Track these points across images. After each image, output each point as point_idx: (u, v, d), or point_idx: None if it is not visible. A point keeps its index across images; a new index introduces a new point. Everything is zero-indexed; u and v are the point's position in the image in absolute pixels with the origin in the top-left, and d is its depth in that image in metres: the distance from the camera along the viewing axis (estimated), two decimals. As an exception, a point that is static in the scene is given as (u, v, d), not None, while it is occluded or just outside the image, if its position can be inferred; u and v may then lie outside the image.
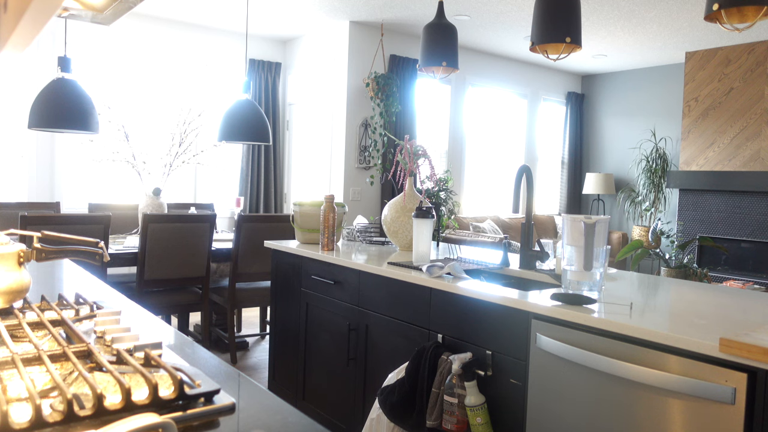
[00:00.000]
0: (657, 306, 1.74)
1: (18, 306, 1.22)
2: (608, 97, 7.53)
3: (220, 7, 5.17)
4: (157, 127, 5.21)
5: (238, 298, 3.84)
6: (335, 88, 5.68)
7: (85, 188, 5.23)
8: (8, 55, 0.73)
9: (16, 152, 4.97)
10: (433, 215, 2.47)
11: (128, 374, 0.86)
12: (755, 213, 5.80)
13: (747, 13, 2.25)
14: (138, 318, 1.32)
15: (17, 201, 4.54)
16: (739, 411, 1.26)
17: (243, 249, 3.75)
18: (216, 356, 1.09)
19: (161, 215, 3.57)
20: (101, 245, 1.27)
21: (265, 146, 6.08)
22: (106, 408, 0.75)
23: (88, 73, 5.09)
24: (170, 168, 4.02)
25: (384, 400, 2.03)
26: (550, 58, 3.01)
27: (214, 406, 0.81)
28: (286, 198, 6.43)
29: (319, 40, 5.86)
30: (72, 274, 1.90)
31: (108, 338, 1.01)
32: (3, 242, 1.19)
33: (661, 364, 1.39)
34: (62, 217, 3.55)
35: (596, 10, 5.00)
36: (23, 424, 0.71)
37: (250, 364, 3.89)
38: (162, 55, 5.57)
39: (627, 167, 7.23)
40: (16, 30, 0.56)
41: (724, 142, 5.94)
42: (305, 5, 5.06)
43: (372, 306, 2.38)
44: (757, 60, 5.74)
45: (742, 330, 1.34)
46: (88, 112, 3.58)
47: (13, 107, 4.87)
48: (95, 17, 1.41)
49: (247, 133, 3.93)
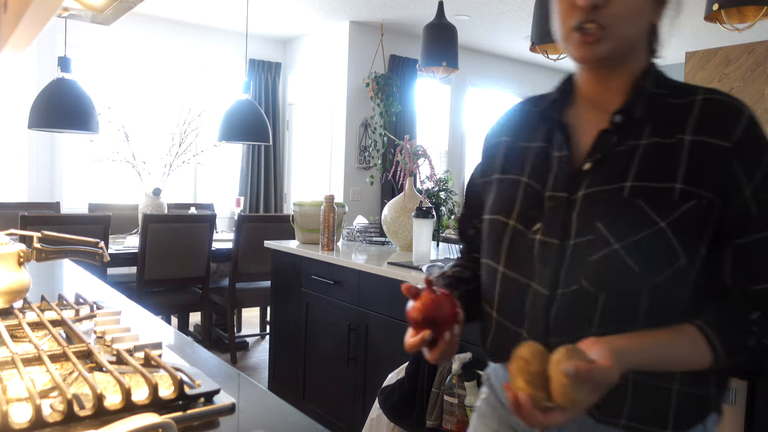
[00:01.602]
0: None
1: (18, 306, 1.22)
2: (608, 97, 7.53)
3: (220, 7, 5.17)
4: (157, 127, 5.21)
5: (238, 298, 3.84)
6: (335, 88, 5.68)
7: (85, 188, 5.23)
8: (8, 55, 0.73)
9: (16, 152, 4.97)
10: (433, 215, 2.47)
11: (128, 374, 0.86)
12: (755, 213, 5.81)
13: (747, 13, 2.25)
14: (138, 318, 1.32)
15: (17, 201, 4.54)
16: (739, 411, 1.26)
17: (243, 249, 3.75)
18: (216, 356, 1.09)
19: (161, 215, 3.57)
20: (101, 245, 1.27)
21: (265, 146, 6.08)
22: (106, 408, 0.75)
23: (88, 73, 5.09)
24: (170, 168, 4.02)
25: (384, 400, 2.04)
26: (550, 58, 3.01)
27: (214, 406, 0.81)
28: (286, 198, 6.43)
29: (319, 40, 5.86)
30: (72, 274, 1.90)
31: (108, 338, 1.01)
32: (3, 242, 1.19)
33: (661, 364, 1.39)
34: (62, 217, 3.55)
35: (596, 10, 5.00)
36: (23, 424, 0.71)
37: (250, 364, 3.89)
38: (162, 55, 5.57)
39: (627, 167, 7.23)
40: (16, 30, 0.57)
41: (724, 142, 5.95)
42: (305, 5, 5.06)
43: (372, 306, 2.38)
44: (757, 60, 5.74)
45: (742, 330, 1.34)
46: (88, 112, 3.59)
47: (13, 107, 4.87)
48: (95, 17, 1.41)
49: (247, 133, 3.93)
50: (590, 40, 0.79)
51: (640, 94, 0.83)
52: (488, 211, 0.94)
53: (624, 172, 0.80)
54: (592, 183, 0.82)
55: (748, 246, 0.78)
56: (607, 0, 0.77)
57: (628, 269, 0.77)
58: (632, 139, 0.81)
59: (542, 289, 0.84)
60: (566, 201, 0.83)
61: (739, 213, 0.78)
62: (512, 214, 0.88)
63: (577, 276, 0.81)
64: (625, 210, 0.79)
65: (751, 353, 0.76)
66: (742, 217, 0.78)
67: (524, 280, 0.87)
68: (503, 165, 0.95)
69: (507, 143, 0.96)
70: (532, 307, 0.86)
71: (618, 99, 0.85)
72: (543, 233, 0.85)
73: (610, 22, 0.78)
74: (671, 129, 0.80)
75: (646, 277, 0.77)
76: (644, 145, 0.80)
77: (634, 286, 0.79)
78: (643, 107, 0.82)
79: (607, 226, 0.79)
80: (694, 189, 0.77)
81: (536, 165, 0.89)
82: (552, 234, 0.84)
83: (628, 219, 0.78)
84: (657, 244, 0.77)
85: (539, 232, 0.85)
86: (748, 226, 0.78)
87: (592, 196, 0.81)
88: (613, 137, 0.82)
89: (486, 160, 1.01)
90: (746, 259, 0.79)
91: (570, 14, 0.80)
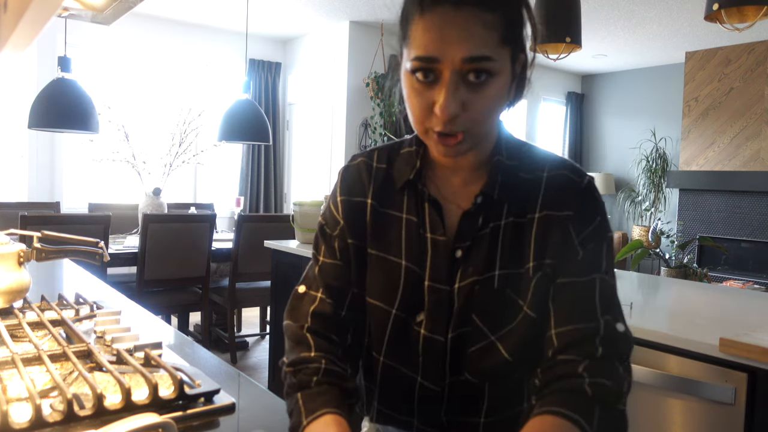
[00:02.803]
0: (657, 306, 1.74)
1: (18, 306, 1.22)
2: (608, 97, 7.53)
3: (220, 7, 5.17)
4: (157, 127, 5.21)
5: (238, 298, 3.84)
6: (335, 88, 5.67)
7: (85, 188, 5.23)
8: (8, 55, 0.73)
9: (16, 152, 4.97)
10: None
11: (128, 374, 0.86)
12: (755, 213, 5.80)
13: (747, 13, 2.25)
14: (138, 318, 1.32)
15: (17, 201, 4.54)
16: (739, 411, 1.26)
17: (243, 249, 3.75)
18: (216, 356, 1.09)
19: (161, 215, 3.57)
20: (101, 245, 1.27)
21: (265, 146, 6.08)
22: (106, 408, 0.75)
23: (88, 73, 5.09)
24: (170, 168, 4.02)
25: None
26: (550, 58, 3.00)
27: (214, 405, 0.81)
28: (286, 198, 6.43)
29: (319, 40, 5.86)
30: (72, 274, 1.90)
31: (108, 338, 1.01)
32: (3, 242, 1.19)
33: (661, 364, 1.39)
34: (62, 217, 3.55)
35: (596, 10, 5.00)
36: (23, 423, 0.71)
37: (250, 364, 3.89)
38: (162, 55, 5.57)
39: (627, 167, 7.23)
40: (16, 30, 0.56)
41: (724, 142, 5.94)
42: (305, 5, 5.06)
43: (372, 306, 2.38)
44: (757, 60, 5.74)
45: (742, 330, 1.34)
46: (88, 112, 3.58)
47: (13, 107, 4.87)
48: (95, 17, 1.41)
49: (247, 133, 3.93)
50: (451, 143, 0.75)
51: (497, 170, 0.83)
52: (369, 294, 0.88)
53: (491, 259, 0.82)
54: (465, 273, 0.83)
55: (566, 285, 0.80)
56: (466, 106, 0.73)
57: (505, 360, 0.81)
58: (494, 220, 0.83)
59: (432, 385, 0.87)
60: (447, 294, 0.83)
61: (566, 260, 0.80)
62: (395, 303, 0.86)
63: (461, 368, 0.84)
64: (498, 301, 0.81)
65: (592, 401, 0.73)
66: (568, 262, 0.80)
67: (409, 373, 0.88)
68: (376, 237, 0.88)
69: (374, 208, 0.89)
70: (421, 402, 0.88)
71: (473, 173, 0.85)
72: (427, 329, 0.85)
73: (469, 126, 0.74)
74: (523, 208, 0.83)
75: (521, 364, 0.81)
76: (504, 226, 0.83)
77: (513, 374, 0.83)
78: (500, 185, 0.83)
79: (483, 319, 0.82)
80: (542, 261, 0.81)
81: (412, 246, 0.85)
82: (436, 330, 0.84)
83: (501, 310, 0.82)
84: (523, 328, 0.81)
85: (422, 326, 0.85)
86: (569, 269, 0.80)
87: (467, 288, 0.82)
88: (477, 219, 0.83)
89: (351, 222, 0.90)
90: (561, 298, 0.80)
91: (427, 117, 0.75)
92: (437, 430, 0.88)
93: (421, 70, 0.73)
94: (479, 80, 0.72)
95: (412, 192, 0.87)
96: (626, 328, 0.80)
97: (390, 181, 0.89)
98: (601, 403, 0.73)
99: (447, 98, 0.71)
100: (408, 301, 0.86)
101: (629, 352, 0.80)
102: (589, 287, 0.79)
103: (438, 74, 0.72)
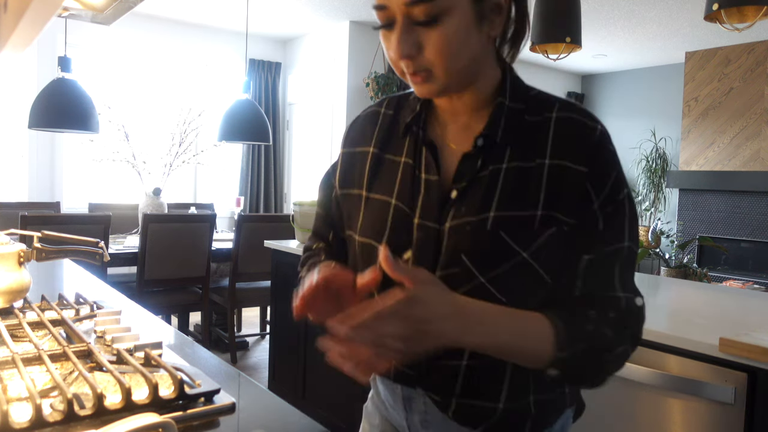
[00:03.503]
0: (657, 306, 1.74)
1: (18, 306, 1.22)
2: (608, 97, 7.53)
3: (220, 7, 5.17)
4: (157, 126, 5.21)
5: (238, 298, 3.84)
6: (335, 88, 5.68)
7: (85, 188, 5.23)
8: (8, 55, 0.73)
9: (16, 152, 4.97)
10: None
11: (128, 374, 0.86)
12: (755, 213, 5.80)
13: (747, 13, 2.25)
14: (138, 318, 1.32)
15: (17, 201, 4.54)
16: (739, 411, 1.26)
17: (243, 249, 3.75)
18: (216, 356, 1.09)
19: (161, 215, 3.57)
20: (101, 245, 1.27)
21: (265, 146, 6.08)
22: (106, 408, 0.75)
23: (88, 73, 5.09)
24: (170, 168, 4.02)
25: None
26: (550, 58, 3.01)
27: (214, 405, 0.82)
28: (286, 198, 6.43)
29: (319, 40, 5.86)
30: (72, 273, 1.90)
31: (108, 338, 1.01)
32: (3, 242, 1.19)
33: (661, 364, 1.40)
34: (62, 216, 3.55)
35: (596, 10, 5.00)
36: (23, 423, 0.71)
37: (250, 364, 3.89)
38: (162, 55, 5.57)
39: (627, 167, 7.23)
40: (16, 30, 0.57)
41: (724, 142, 5.94)
42: (305, 5, 5.06)
43: (372, 306, 2.38)
44: (757, 60, 5.74)
45: (742, 330, 1.34)
46: (88, 112, 3.58)
47: (13, 107, 4.87)
48: (95, 17, 1.41)
49: (247, 133, 3.93)
50: (419, 80, 0.78)
51: (500, 112, 0.82)
52: (359, 232, 0.90)
53: (488, 201, 0.80)
54: (457, 213, 0.82)
55: (595, 261, 0.80)
56: (419, 47, 0.75)
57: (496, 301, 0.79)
58: (495, 163, 0.81)
59: None
60: (436, 233, 0.83)
61: (588, 229, 0.79)
62: (382, 239, 0.87)
63: None
64: (489, 243, 0.79)
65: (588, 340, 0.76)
66: (591, 233, 0.79)
67: None
68: (371, 180, 0.91)
69: (375, 155, 0.92)
70: None
71: (475, 115, 0.85)
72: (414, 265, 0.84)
73: (430, 65, 0.76)
74: (530, 152, 0.81)
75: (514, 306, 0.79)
76: (506, 170, 0.81)
77: None
78: (504, 128, 0.82)
79: (472, 259, 0.80)
80: (553, 214, 0.79)
81: (405, 185, 0.87)
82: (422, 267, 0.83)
83: (492, 252, 0.80)
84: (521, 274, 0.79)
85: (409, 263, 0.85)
86: (589, 239, 0.79)
87: (458, 228, 0.81)
88: (477, 161, 0.82)
89: (346, 168, 0.95)
90: (593, 272, 0.80)
91: (395, 60, 0.79)
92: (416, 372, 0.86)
93: (379, 18, 0.77)
94: (430, 20, 0.74)
95: (413, 136, 0.89)
96: (643, 302, 0.81)
97: (396, 127, 0.92)
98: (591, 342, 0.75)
99: (397, 41, 0.75)
100: (396, 238, 0.85)
101: (642, 326, 0.81)
102: (611, 259, 0.79)
103: (392, 20, 0.76)
